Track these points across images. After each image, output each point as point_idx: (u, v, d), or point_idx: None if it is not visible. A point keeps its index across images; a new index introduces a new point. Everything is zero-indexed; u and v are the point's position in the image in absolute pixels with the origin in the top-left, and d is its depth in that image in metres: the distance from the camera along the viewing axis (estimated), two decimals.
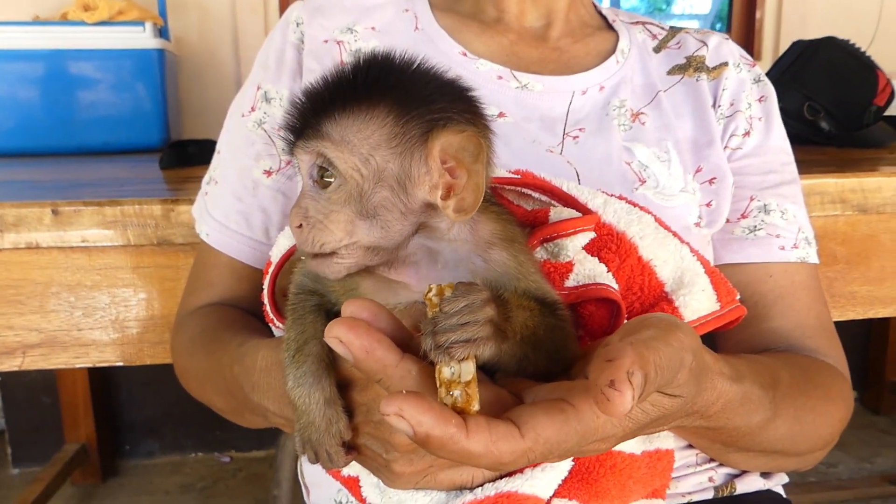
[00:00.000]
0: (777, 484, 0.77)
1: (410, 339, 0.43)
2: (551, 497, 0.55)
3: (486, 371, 0.47)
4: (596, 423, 0.42)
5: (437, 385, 0.40)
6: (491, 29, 0.83)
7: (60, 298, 0.96)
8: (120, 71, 1.67)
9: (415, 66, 0.48)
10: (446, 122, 0.46)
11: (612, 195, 0.64)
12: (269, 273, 0.65)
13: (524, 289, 0.49)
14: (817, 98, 1.54)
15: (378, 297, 0.50)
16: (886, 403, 2.52)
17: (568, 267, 0.58)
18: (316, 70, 0.79)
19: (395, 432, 0.48)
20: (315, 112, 0.47)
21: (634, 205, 0.64)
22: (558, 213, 0.60)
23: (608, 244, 0.61)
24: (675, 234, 0.64)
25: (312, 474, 0.75)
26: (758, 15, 2.39)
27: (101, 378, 2.16)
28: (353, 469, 0.59)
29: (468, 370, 0.40)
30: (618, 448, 0.57)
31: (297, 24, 0.82)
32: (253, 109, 0.82)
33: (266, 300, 0.65)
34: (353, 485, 0.60)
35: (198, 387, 0.78)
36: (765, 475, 0.76)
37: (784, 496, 0.77)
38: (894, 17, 2.34)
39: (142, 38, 1.68)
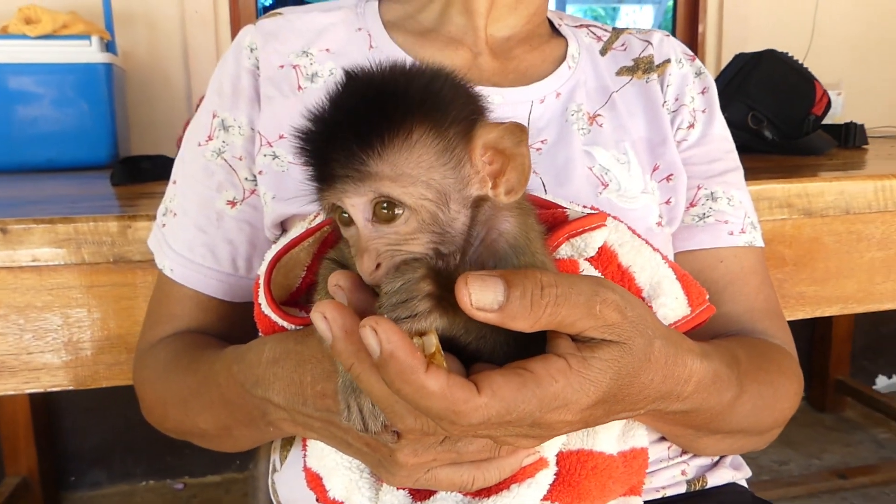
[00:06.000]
0: (742, 478, 0.79)
1: None
2: None
3: (462, 355, 0.47)
4: (554, 388, 0.43)
5: None
6: (455, 42, 0.83)
7: (8, 321, 0.92)
8: (64, 86, 1.62)
9: (408, 72, 0.48)
10: (476, 118, 0.48)
11: (584, 207, 0.65)
12: (263, 273, 0.61)
13: (524, 263, 0.50)
14: (760, 108, 1.61)
15: None
16: (831, 401, 2.61)
17: (574, 267, 0.59)
18: (274, 96, 0.77)
19: (404, 415, 0.46)
20: (348, 154, 0.44)
21: (608, 215, 0.65)
22: (574, 212, 0.62)
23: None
24: (647, 242, 0.65)
25: (287, 494, 0.74)
26: (700, 28, 2.48)
27: (43, 405, 2.06)
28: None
29: (430, 343, 0.42)
30: (598, 449, 0.58)
31: (252, 50, 0.80)
32: (210, 138, 0.79)
33: (263, 294, 0.60)
34: None
35: (179, 410, 0.74)
36: (734, 467, 0.78)
37: (748, 489, 0.79)
38: (826, 31, 2.47)
39: (87, 52, 1.63)
